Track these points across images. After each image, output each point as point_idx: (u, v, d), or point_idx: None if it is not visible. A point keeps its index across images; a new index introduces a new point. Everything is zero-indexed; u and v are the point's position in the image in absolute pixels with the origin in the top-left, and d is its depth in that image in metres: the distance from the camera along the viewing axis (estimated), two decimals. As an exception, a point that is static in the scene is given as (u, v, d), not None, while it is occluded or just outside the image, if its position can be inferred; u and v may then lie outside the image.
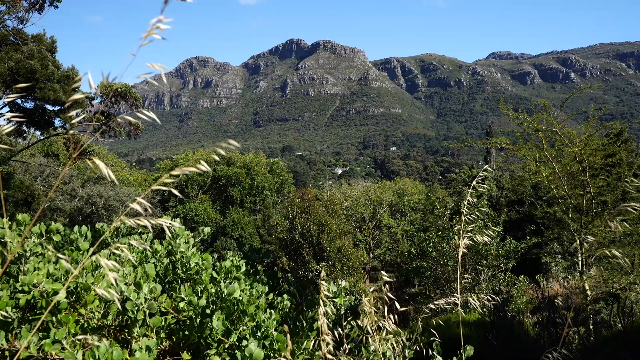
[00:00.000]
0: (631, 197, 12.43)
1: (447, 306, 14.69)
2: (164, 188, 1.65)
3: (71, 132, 24.93)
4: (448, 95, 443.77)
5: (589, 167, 11.60)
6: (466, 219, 3.42)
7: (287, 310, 3.77)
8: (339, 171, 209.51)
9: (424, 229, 23.42)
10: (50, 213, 31.26)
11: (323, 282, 2.71)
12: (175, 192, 1.57)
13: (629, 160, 12.96)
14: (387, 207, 50.62)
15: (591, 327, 9.85)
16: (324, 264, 19.74)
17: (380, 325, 2.76)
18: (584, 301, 11.87)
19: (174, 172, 1.54)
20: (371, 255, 46.91)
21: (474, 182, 3.53)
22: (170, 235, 3.10)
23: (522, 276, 16.89)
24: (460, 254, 2.90)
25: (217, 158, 1.67)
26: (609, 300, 12.72)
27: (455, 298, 3.31)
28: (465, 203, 3.53)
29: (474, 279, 16.51)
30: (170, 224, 1.57)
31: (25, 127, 24.55)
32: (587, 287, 12.38)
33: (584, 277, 12.73)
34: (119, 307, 2.78)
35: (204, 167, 1.54)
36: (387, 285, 2.84)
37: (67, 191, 32.99)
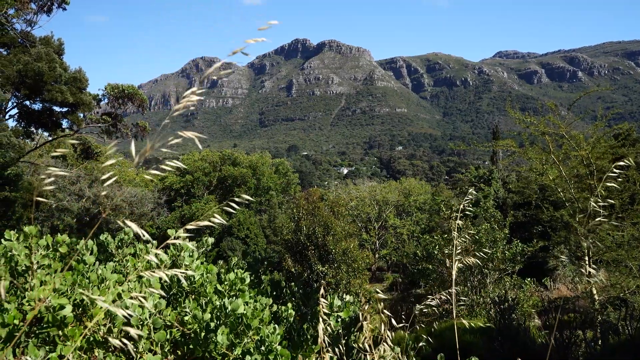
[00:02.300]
0: None
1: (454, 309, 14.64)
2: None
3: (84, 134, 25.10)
4: (454, 95, 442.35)
5: (596, 171, 11.54)
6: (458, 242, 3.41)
7: (292, 320, 3.77)
8: (345, 171, 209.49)
9: (429, 229, 23.36)
10: (58, 213, 31.46)
11: (323, 299, 2.71)
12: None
13: (637, 161, 12.86)
14: (393, 207, 50.60)
15: (598, 333, 9.80)
16: (328, 265, 19.74)
17: (378, 348, 2.76)
18: (591, 305, 11.80)
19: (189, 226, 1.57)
20: (377, 256, 46.89)
21: (461, 206, 3.51)
22: (174, 251, 3.12)
23: (529, 279, 16.83)
24: (454, 277, 2.89)
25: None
26: (617, 305, 12.64)
27: (446, 297, 3.31)
28: (456, 227, 3.51)
29: (480, 282, 16.46)
30: (186, 274, 1.58)
31: (33, 129, 24.75)
32: (594, 291, 12.31)
33: (592, 281, 12.65)
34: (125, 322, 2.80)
35: (218, 219, 1.57)
36: (383, 303, 2.84)
37: (75, 192, 33.17)
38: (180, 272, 1.62)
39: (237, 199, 1.75)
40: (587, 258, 12.58)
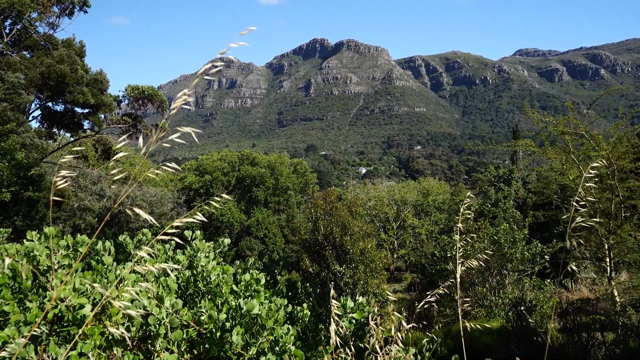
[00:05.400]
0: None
1: (471, 309, 14.55)
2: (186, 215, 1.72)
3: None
4: (473, 94, 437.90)
5: (617, 171, 11.35)
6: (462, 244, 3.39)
7: (307, 320, 3.81)
8: (363, 171, 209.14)
9: (448, 229, 23.19)
10: (79, 213, 31.96)
11: (334, 301, 2.74)
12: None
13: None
14: (412, 207, 50.35)
15: (619, 335, 9.64)
16: (346, 265, 19.73)
17: (388, 349, 2.78)
18: (612, 307, 11.62)
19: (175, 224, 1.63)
20: (395, 256, 46.72)
21: (463, 207, 3.50)
22: (191, 249, 3.17)
23: (549, 280, 16.62)
24: (459, 279, 2.89)
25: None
26: (638, 307, 12.42)
27: (444, 291, 3.30)
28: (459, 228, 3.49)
29: (499, 283, 16.30)
30: (173, 267, 1.63)
31: (55, 130, 25.24)
32: (616, 293, 12.12)
33: (613, 283, 12.46)
34: (142, 321, 2.86)
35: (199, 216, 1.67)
36: (393, 305, 2.85)
37: (96, 191, 33.67)
38: (168, 266, 1.71)
39: (217, 198, 2.05)
40: (608, 259, 12.39)
